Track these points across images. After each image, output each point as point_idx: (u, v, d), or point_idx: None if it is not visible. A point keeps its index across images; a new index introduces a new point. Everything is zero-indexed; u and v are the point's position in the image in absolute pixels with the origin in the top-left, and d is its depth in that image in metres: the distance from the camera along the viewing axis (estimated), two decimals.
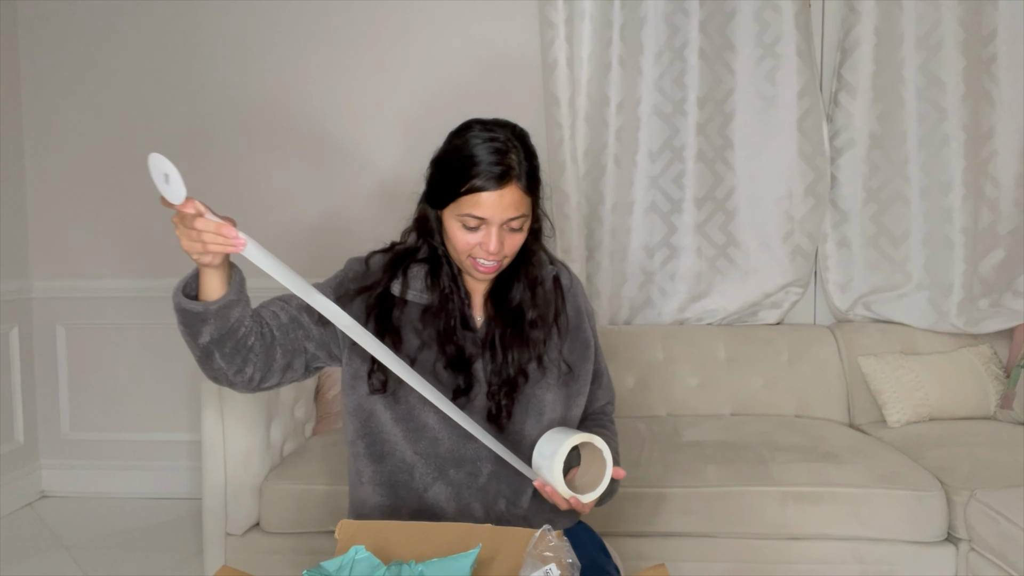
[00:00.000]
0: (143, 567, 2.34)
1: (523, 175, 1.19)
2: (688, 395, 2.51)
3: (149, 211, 2.86)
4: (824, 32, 2.66)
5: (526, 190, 1.20)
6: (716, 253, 2.66)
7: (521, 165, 1.19)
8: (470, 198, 1.17)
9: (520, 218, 1.20)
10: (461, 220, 1.19)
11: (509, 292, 1.29)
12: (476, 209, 1.17)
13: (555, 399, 1.27)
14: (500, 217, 1.17)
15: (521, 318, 1.27)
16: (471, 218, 1.18)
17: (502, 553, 1.01)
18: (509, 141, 1.18)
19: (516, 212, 1.19)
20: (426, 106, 2.73)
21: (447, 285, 1.26)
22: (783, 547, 1.92)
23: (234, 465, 1.97)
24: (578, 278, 1.41)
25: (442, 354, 1.24)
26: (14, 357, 2.84)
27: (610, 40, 2.56)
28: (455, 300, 1.26)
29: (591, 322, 1.38)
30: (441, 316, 1.24)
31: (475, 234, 1.19)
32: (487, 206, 1.16)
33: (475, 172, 1.16)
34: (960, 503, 1.87)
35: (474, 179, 1.15)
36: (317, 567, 0.96)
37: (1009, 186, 2.52)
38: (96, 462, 2.94)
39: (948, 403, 2.38)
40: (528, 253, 1.28)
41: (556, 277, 1.33)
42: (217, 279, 1.11)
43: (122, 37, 2.82)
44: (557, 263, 1.35)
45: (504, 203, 1.17)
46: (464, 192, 1.16)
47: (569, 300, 1.34)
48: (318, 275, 1.40)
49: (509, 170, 1.17)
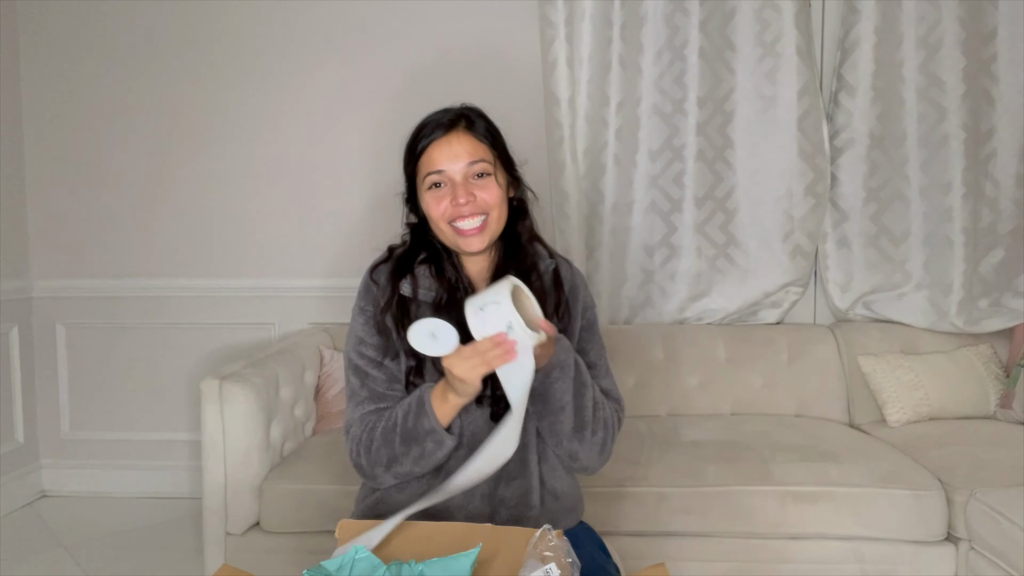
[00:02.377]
0: (143, 567, 2.34)
1: (475, 123, 1.24)
2: (688, 395, 2.51)
3: (149, 211, 2.86)
4: (824, 31, 2.66)
5: (481, 137, 1.24)
6: (716, 253, 2.66)
7: (471, 116, 1.24)
8: (424, 157, 1.22)
9: (480, 163, 1.22)
10: (427, 185, 1.23)
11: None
12: (431, 164, 1.22)
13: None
14: (456, 166, 1.21)
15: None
16: (432, 175, 1.22)
17: (502, 553, 1.01)
18: (451, 107, 1.26)
19: (472, 157, 1.21)
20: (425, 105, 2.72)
21: (452, 274, 1.27)
22: (783, 547, 1.92)
23: (234, 465, 1.97)
24: (580, 272, 1.41)
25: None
26: (14, 357, 2.84)
27: (610, 39, 2.56)
28: (461, 290, 1.26)
29: (588, 314, 1.36)
30: (453, 308, 1.24)
31: (443, 191, 1.22)
32: (439, 155, 1.21)
33: (423, 132, 1.23)
34: (960, 503, 1.87)
35: (423, 137, 1.22)
36: (317, 567, 0.96)
37: (1009, 185, 2.52)
38: (96, 462, 2.94)
39: (948, 403, 2.38)
40: (521, 244, 1.29)
41: (556, 270, 1.33)
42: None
43: (122, 37, 2.82)
44: (557, 256, 1.35)
45: (456, 149, 1.21)
46: (419, 153, 1.22)
47: (568, 291, 1.33)
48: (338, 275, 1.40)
49: (456, 119, 1.23)
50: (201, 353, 2.87)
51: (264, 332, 2.86)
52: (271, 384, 2.12)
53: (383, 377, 1.25)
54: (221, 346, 2.86)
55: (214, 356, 2.85)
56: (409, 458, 1.19)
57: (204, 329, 2.88)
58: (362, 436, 1.23)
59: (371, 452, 1.22)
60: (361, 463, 1.24)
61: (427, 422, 1.16)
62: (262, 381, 2.06)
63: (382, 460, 1.21)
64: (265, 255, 2.85)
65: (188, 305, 2.87)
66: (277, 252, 2.84)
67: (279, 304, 2.84)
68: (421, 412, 1.17)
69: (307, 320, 2.82)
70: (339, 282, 2.75)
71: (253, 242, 2.85)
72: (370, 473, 1.23)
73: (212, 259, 2.86)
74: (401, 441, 1.18)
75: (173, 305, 2.88)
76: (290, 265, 2.84)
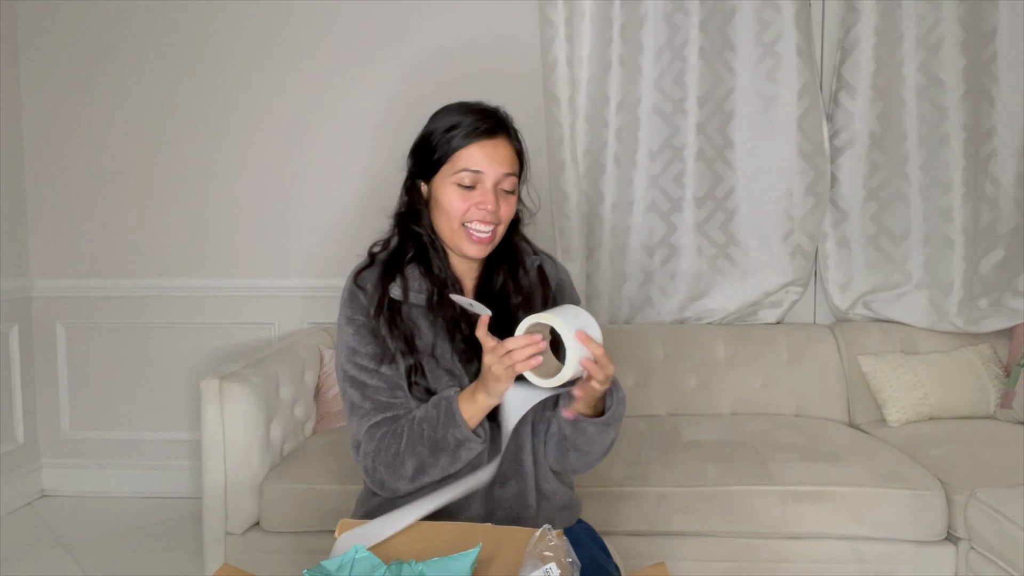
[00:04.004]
0: (143, 566, 2.34)
1: (513, 133, 1.23)
2: (688, 394, 2.51)
3: (150, 211, 2.86)
4: (824, 31, 2.66)
5: (516, 152, 1.24)
6: (716, 252, 2.66)
7: (510, 125, 1.24)
8: (464, 152, 1.19)
9: (512, 177, 1.22)
10: (456, 179, 1.20)
11: (491, 280, 1.29)
12: (471, 162, 1.19)
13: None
14: (495, 170, 1.20)
15: (506, 303, 1.26)
16: (467, 173, 1.19)
17: (502, 552, 1.01)
18: (496, 108, 1.25)
19: (509, 168, 1.21)
20: (425, 105, 2.72)
21: (440, 269, 1.26)
22: (783, 546, 1.92)
23: (234, 464, 1.97)
24: (564, 267, 1.42)
25: (453, 345, 1.24)
26: (14, 357, 2.84)
27: (610, 39, 2.56)
28: (450, 286, 1.26)
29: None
30: (445, 305, 1.24)
31: (471, 193, 1.20)
32: (481, 156, 1.19)
33: (468, 124, 1.19)
34: (960, 502, 1.87)
35: (468, 131, 1.19)
36: (317, 566, 0.96)
37: (1009, 185, 2.52)
38: (96, 461, 2.93)
39: (948, 402, 2.38)
40: (510, 242, 1.29)
41: (540, 267, 1.33)
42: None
43: (122, 37, 2.82)
44: (541, 253, 1.36)
45: (499, 154, 1.20)
46: (459, 147, 1.19)
47: (554, 286, 1.34)
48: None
49: (501, 122, 1.22)
50: (201, 353, 2.87)
51: (264, 332, 2.86)
52: (271, 384, 2.12)
53: (384, 386, 1.22)
54: (221, 346, 2.86)
55: (214, 356, 2.85)
56: (439, 468, 1.17)
57: (204, 329, 2.88)
58: (378, 450, 1.19)
59: (393, 465, 1.18)
60: (382, 477, 1.20)
61: (459, 432, 1.15)
62: (262, 381, 2.06)
63: (407, 473, 1.17)
64: (265, 255, 2.85)
65: (188, 305, 2.87)
66: (277, 252, 2.84)
67: (279, 304, 2.84)
68: (451, 422, 1.15)
69: (307, 320, 2.82)
70: (339, 282, 2.66)
71: (253, 242, 2.85)
72: (392, 486, 1.20)
73: (212, 259, 2.86)
74: (430, 452, 1.16)
75: (173, 305, 2.88)
76: (290, 265, 2.84)
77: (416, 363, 1.23)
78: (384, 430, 1.20)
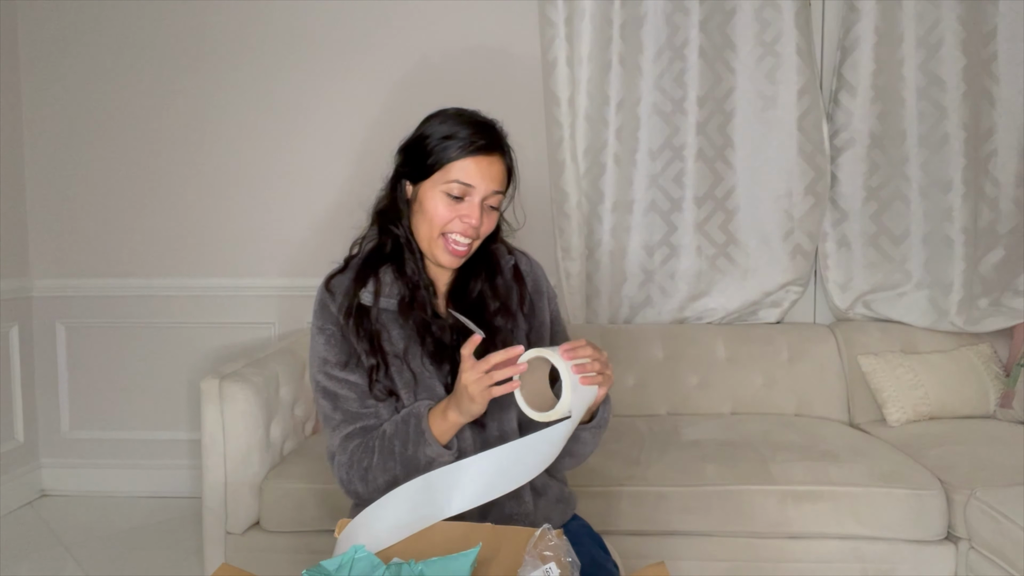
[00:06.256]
0: (143, 566, 2.34)
1: (506, 152, 1.24)
2: (688, 394, 2.51)
3: (150, 211, 2.86)
4: (824, 31, 2.66)
5: (507, 169, 1.24)
6: (716, 252, 2.66)
7: (504, 142, 1.24)
8: (459, 164, 1.19)
9: (499, 195, 1.23)
10: (446, 188, 1.20)
11: (467, 286, 1.29)
12: (464, 175, 1.19)
13: None
14: (486, 187, 1.20)
15: (483, 309, 1.27)
16: (458, 185, 1.19)
17: (502, 552, 1.01)
18: (494, 123, 1.24)
19: (499, 186, 1.22)
20: (425, 105, 2.71)
21: (414, 272, 1.26)
22: (783, 546, 1.92)
23: (234, 464, 1.97)
24: (538, 263, 1.41)
25: (424, 347, 1.24)
26: (14, 356, 2.84)
27: (610, 39, 2.56)
28: (422, 289, 1.26)
29: (552, 305, 1.38)
30: (416, 306, 1.25)
31: (458, 205, 1.20)
32: (475, 172, 1.19)
33: (465, 137, 1.19)
34: (960, 502, 1.87)
35: (464, 144, 1.19)
36: (317, 566, 0.96)
37: (1009, 185, 2.52)
38: (96, 461, 2.94)
39: (948, 402, 2.38)
40: (486, 250, 1.30)
41: (515, 265, 1.34)
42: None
43: (123, 37, 2.82)
44: (516, 251, 1.36)
45: (492, 171, 1.20)
46: (454, 158, 1.18)
47: (530, 284, 1.34)
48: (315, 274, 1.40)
49: (498, 140, 1.22)
50: (201, 353, 2.87)
51: (264, 332, 2.86)
52: (271, 384, 2.12)
53: (354, 396, 1.23)
54: (221, 346, 2.86)
55: (214, 356, 2.85)
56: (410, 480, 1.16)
57: (204, 329, 2.88)
58: (351, 462, 1.21)
59: (367, 479, 1.19)
60: (356, 489, 1.21)
61: (429, 450, 1.15)
62: (262, 381, 2.06)
63: (380, 485, 1.18)
64: (265, 255, 2.85)
65: (188, 305, 2.87)
66: (278, 252, 2.84)
67: (279, 304, 2.84)
68: (421, 440, 1.15)
69: (307, 320, 2.80)
70: None
71: (253, 242, 2.85)
72: (368, 498, 1.19)
73: (212, 259, 2.86)
74: (402, 468, 1.16)
75: (173, 305, 2.88)
76: (290, 265, 2.84)
77: (379, 363, 1.22)
78: (356, 442, 1.21)
